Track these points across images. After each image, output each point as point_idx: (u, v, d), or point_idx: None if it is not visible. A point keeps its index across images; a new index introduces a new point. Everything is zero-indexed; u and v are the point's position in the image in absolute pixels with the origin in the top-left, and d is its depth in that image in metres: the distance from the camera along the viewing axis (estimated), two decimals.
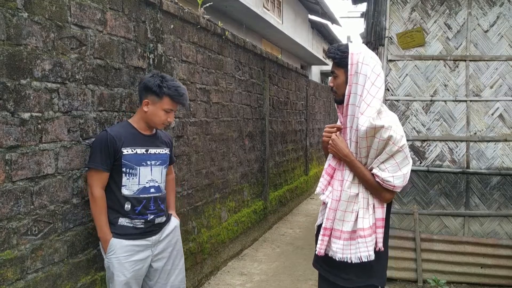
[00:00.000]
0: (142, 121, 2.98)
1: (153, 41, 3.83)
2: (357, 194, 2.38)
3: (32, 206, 2.57)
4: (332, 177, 2.50)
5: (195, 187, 4.76)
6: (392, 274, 4.71)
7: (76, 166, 2.92)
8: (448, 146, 4.77)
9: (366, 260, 2.34)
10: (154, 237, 2.96)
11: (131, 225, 2.87)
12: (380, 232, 2.39)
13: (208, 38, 5.05)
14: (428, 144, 4.80)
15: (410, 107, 4.80)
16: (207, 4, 5.09)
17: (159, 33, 3.93)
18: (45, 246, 2.67)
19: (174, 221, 3.20)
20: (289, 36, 14.78)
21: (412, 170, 4.67)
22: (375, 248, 2.38)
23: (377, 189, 2.35)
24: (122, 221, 2.86)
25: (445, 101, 4.75)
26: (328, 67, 20.26)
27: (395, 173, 2.30)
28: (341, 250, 2.39)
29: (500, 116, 4.70)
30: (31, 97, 2.56)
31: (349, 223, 2.37)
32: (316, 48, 21.85)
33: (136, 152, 2.89)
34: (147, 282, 3.05)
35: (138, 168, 2.88)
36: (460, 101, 4.74)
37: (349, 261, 2.37)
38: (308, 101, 10.62)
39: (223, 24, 5.65)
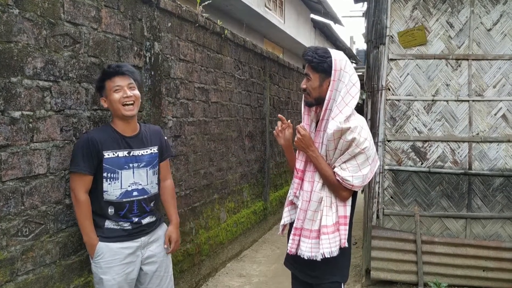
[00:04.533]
0: (117, 120, 2.83)
1: (149, 39, 3.78)
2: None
3: (22, 207, 2.52)
4: (301, 179, 2.59)
5: (193, 187, 4.70)
6: (392, 277, 4.64)
7: (69, 166, 2.86)
8: (450, 147, 4.69)
9: (329, 256, 2.46)
10: (143, 238, 2.87)
11: (118, 227, 2.79)
12: (344, 229, 2.51)
13: (207, 36, 4.99)
14: (429, 145, 4.72)
15: (411, 107, 4.73)
16: (206, 2, 5.03)
17: (156, 31, 3.88)
18: (36, 248, 2.61)
19: (164, 226, 3.11)
20: (291, 36, 14.74)
21: (413, 171, 4.72)
22: (340, 245, 2.50)
23: (335, 187, 2.48)
24: (108, 223, 2.77)
25: (447, 101, 4.67)
26: None
27: (355, 173, 2.44)
28: (309, 249, 2.50)
29: (503, 116, 4.62)
30: (22, 95, 2.51)
31: (316, 222, 2.50)
32: None
33: (118, 155, 2.77)
34: (138, 286, 2.97)
35: (120, 171, 2.77)
36: (463, 101, 4.66)
37: (316, 259, 2.49)
38: None
39: (224, 24, 5.59)
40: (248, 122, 6.43)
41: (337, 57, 2.46)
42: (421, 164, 4.75)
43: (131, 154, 2.83)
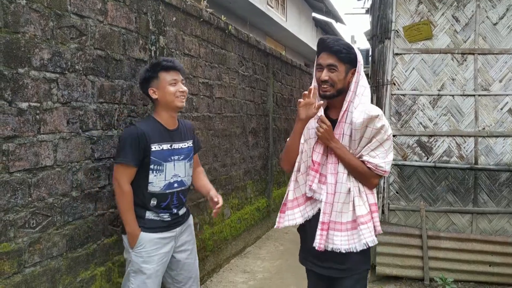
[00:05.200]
0: (163, 111, 2.95)
1: (155, 33, 3.76)
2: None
3: (30, 198, 2.51)
4: (318, 172, 2.48)
5: None
6: (398, 272, 4.62)
7: (76, 158, 2.85)
8: (456, 142, 4.67)
9: (372, 245, 2.41)
10: (178, 229, 3.01)
11: (158, 218, 2.90)
12: (376, 216, 2.48)
13: (211, 32, 4.97)
14: (435, 140, 4.71)
15: (416, 102, 4.71)
16: None
17: (161, 25, 3.86)
18: (43, 240, 2.60)
19: (191, 216, 3.25)
20: (293, 34, 14.72)
21: (418, 166, 4.70)
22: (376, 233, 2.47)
23: (367, 175, 2.43)
24: (149, 215, 2.89)
25: (452, 95, 4.66)
26: None
27: (385, 159, 2.42)
28: (346, 242, 2.42)
29: (510, 110, 4.60)
30: (29, 87, 2.49)
31: (348, 213, 2.43)
32: None
33: (163, 148, 2.89)
34: (169, 272, 3.08)
35: (165, 164, 2.89)
36: (468, 95, 4.64)
37: (355, 251, 2.41)
38: None
39: (227, 21, 5.57)
40: (251, 118, 6.41)
41: (355, 48, 2.45)
42: (427, 159, 4.74)
43: (172, 147, 2.95)
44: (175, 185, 2.96)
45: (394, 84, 4.70)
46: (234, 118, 5.73)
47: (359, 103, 2.39)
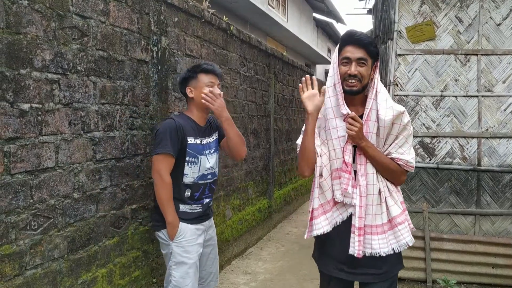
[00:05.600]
0: (196, 110, 3.13)
1: (156, 34, 3.75)
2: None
3: (31, 200, 2.49)
4: (351, 174, 2.35)
5: None
6: (400, 274, 4.59)
7: (77, 160, 2.84)
8: (459, 143, 4.65)
9: (411, 244, 2.38)
10: (206, 222, 3.18)
11: (191, 210, 3.06)
12: (407, 213, 2.44)
13: (213, 32, 4.96)
14: (438, 141, 4.68)
15: (419, 103, 4.69)
16: None
17: (163, 26, 3.84)
18: (44, 242, 2.58)
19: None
20: (294, 34, 14.71)
21: (421, 167, 4.68)
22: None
23: (398, 173, 2.38)
24: (183, 207, 3.04)
25: (456, 96, 4.63)
26: None
27: (412, 155, 2.40)
28: (385, 244, 2.35)
29: None
30: (31, 88, 2.48)
31: (383, 214, 2.36)
32: (321, 47, 21.74)
33: (196, 142, 3.06)
34: None
35: (199, 157, 3.06)
36: (472, 96, 4.61)
37: (393, 252, 2.35)
38: None
39: (228, 21, 5.56)
40: (253, 119, 6.39)
41: None
42: (430, 160, 4.71)
43: (202, 142, 3.12)
44: (209, 176, 3.15)
45: (397, 85, 4.68)
46: (235, 119, 5.70)
47: (383, 99, 2.33)
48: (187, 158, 3.01)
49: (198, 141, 3.08)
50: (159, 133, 2.99)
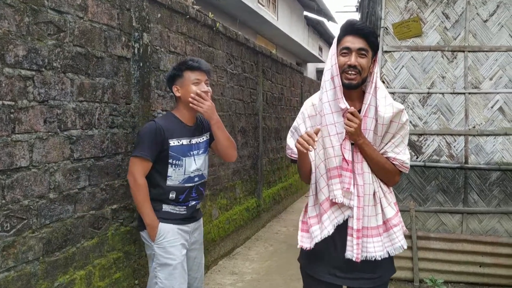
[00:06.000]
0: (184, 109, 3.03)
1: (138, 30, 3.67)
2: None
3: (3, 201, 2.41)
4: (352, 172, 2.25)
5: None
6: None
7: (53, 159, 2.75)
8: (446, 141, 4.61)
9: (406, 247, 2.30)
10: (192, 224, 3.06)
11: (175, 211, 2.97)
12: (400, 215, 2.37)
13: (198, 29, 4.88)
14: (425, 139, 4.64)
15: (406, 100, 4.64)
16: None
17: (145, 22, 3.77)
18: (18, 244, 2.50)
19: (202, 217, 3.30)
20: (284, 33, 14.64)
21: None
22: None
23: (392, 173, 2.30)
24: (166, 207, 2.95)
25: (442, 93, 4.59)
26: (323, 65, 20.15)
27: (407, 155, 2.32)
28: (380, 247, 2.24)
29: (500, 109, 4.54)
30: (3, 84, 2.40)
31: (378, 216, 2.26)
32: (312, 45, 21.70)
33: (182, 143, 2.96)
34: None
35: (184, 159, 2.95)
36: (459, 93, 4.57)
37: (388, 255, 2.26)
38: (303, 98, 10.47)
39: (216, 19, 5.49)
40: (240, 117, 6.32)
41: None
42: (416, 158, 4.67)
43: (191, 142, 3.02)
44: (196, 179, 3.04)
45: (384, 82, 4.63)
46: (222, 117, 5.61)
47: (382, 96, 2.23)
48: (170, 161, 2.93)
49: (185, 141, 2.99)
50: (139, 135, 2.97)
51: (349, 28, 2.24)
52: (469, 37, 4.53)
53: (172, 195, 2.95)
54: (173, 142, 2.93)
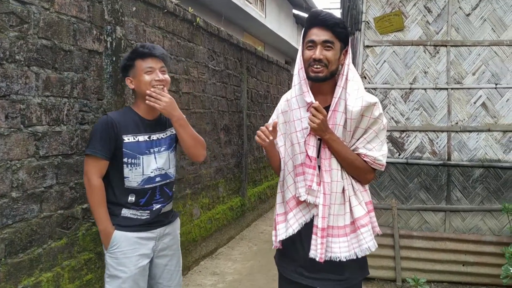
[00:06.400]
0: (141, 102, 2.72)
1: (111, 23, 3.55)
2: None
3: None
4: (316, 169, 2.17)
5: None
6: (369, 273, 4.46)
7: (16, 156, 2.63)
8: (428, 137, 4.53)
9: (374, 249, 2.16)
10: (159, 229, 2.73)
11: (135, 216, 2.65)
12: (373, 216, 2.23)
13: (177, 24, 4.77)
14: (407, 135, 4.55)
15: (388, 96, 4.55)
16: None
17: (118, 15, 3.65)
18: None
19: (178, 221, 2.98)
20: (272, 31, 14.55)
21: (390, 163, 4.54)
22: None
23: (364, 170, 2.18)
24: (126, 212, 2.64)
25: (425, 89, 4.50)
26: None
27: (382, 152, 2.19)
28: (346, 248, 2.15)
29: (483, 104, 4.46)
30: None
31: (346, 215, 2.17)
32: (300, 43, 21.60)
33: (138, 139, 2.65)
34: (148, 281, 2.78)
35: (141, 157, 2.64)
36: (441, 89, 4.49)
37: (355, 257, 2.15)
38: None
39: (202, 16, 5.38)
40: (223, 115, 6.22)
41: None
42: (399, 155, 4.58)
43: (151, 139, 2.72)
44: (157, 179, 2.70)
45: (365, 78, 4.54)
46: (203, 114, 5.53)
47: (354, 89, 2.12)
48: (124, 160, 2.61)
49: (142, 138, 2.68)
50: (91, 131, 2.69)
51: (314, 20, 2.16)
52: (452, 31, 4.45)
53: (131, 198, 2.64)
54: (127, 138, 2.62)
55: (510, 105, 4.44)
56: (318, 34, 2.12)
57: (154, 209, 2.70)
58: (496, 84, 4.44)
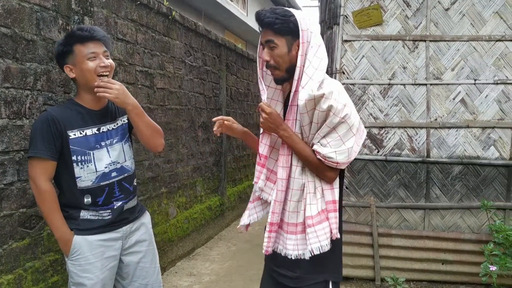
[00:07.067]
0: (84, 93, 2.46)
1: (78, 13, 3.39)
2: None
3: None
4: (264, 167, 2.17)
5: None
6: (348, 272, 4.38)
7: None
8: (407, 134, 4.45)
9: (318, 252, 2.04)
10: (125, 228, 2.53)
11: (96, 217, 2.43)
12: (334, 216, 2.08)
13: (151, 17, 4.63)
14: (386, 132, 4.47)
15: (366, 92, 4.47)
16: None
17: (86, 5, 3.50)
18: None
19: (148, 214, 2.77)
20: (254, 29, 14.44)
21: (369, 160, 4.45)
22: (331, 237, 2.08)
23: (318, 168, 2.08)
24: (85, 214, 2.41)
25: (404, 84, 4.42)
26: None
27: (338, 148, 2.03)
28: (295, 247, 2.10)
29: (462, 100, 4.40)
30: None
31: (300, 213, 2.10)
32: None
33: (86, 133, 2.41)
34: (120, 282, 2.60)
35: (91, 153, 2.40)
36: (420, 84, 4.41)
37: (302, 257, 2.09)
38: None
39: (181, 12, 5.25)
40: (201, 112, 6.09)
41: (300, 15, 2.05)
42: (377, 152, 4.50)
43: (100, 131, 2.47)
44: (113, 174, 2.48)
45: (343, 73, 4.45)
46: (180, 111, 5.39)
47: (309, 79, 2.00)
48: (73, 158, 2.37)
49: (90, 131, 2.43)
50: (31, 131, 2.40)
51: (257, 22, 2.11)
52: (431, 26, 4.38)
53: (88, 199, 2.42)
54: (73, 134, 2.37)
55: (489, 101, 4.39)
56: (262, 35, 2.10)
57: (115, 207, 2.49)
58: (475, 80, 4.38)
